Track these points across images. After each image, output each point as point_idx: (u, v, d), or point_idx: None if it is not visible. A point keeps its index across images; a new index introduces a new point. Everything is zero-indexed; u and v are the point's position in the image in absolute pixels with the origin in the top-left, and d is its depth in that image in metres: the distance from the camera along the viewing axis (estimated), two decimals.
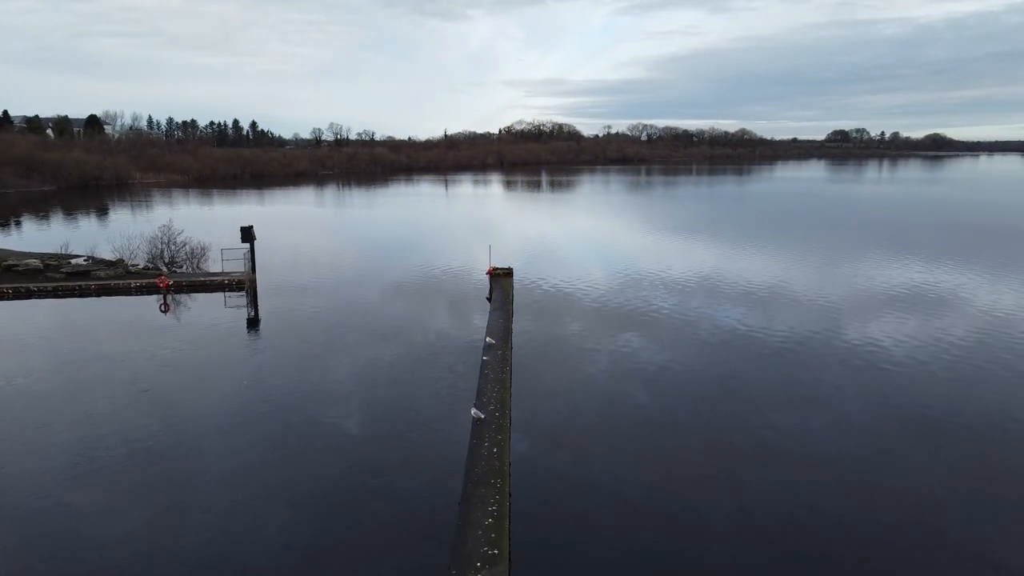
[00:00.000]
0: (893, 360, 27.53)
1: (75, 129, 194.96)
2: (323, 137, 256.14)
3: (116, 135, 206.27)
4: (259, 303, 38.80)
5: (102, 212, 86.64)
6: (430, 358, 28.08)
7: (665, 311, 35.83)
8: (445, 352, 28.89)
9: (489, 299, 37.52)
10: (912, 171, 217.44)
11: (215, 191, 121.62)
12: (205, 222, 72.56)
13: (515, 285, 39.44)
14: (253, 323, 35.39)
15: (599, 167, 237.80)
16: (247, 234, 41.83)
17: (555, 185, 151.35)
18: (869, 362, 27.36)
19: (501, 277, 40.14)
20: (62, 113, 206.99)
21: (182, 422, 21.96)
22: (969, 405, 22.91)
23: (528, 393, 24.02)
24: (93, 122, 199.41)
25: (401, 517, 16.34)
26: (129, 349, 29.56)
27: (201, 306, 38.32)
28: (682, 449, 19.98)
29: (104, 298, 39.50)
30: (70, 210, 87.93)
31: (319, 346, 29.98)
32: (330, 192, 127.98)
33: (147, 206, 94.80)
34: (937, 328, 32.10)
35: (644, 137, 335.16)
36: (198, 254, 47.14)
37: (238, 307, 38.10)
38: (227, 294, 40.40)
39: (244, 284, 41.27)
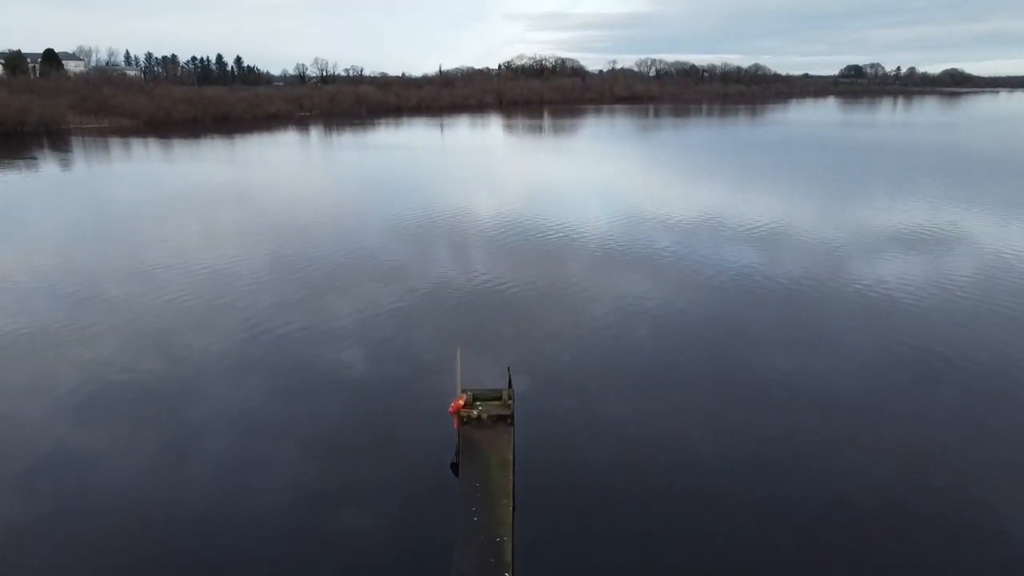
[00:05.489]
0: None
1: (31, 65, 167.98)
2: (308, 73, 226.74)
3: (84, 72, 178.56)
4: None
5: None
6: None
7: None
8: None
9: (455, 470, 14.54)
10: (929, 112, 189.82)
11: (161, 139, 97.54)
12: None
13: (523, 418, 15.03)
14: None
15: (605, 106, 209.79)
16: None
17: (559, 130, 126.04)
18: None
19: (485, 428, 14.26)
20: (51, 47, 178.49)
21: None
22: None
23: None
24: (50, 57, 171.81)
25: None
26: None
27: None
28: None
29: None
30: None
31: None
32: (293, 141, 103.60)
33: (47, 164, 71.16)
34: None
35: (652, 73, 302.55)
36: None
37: None
38: None
39: None
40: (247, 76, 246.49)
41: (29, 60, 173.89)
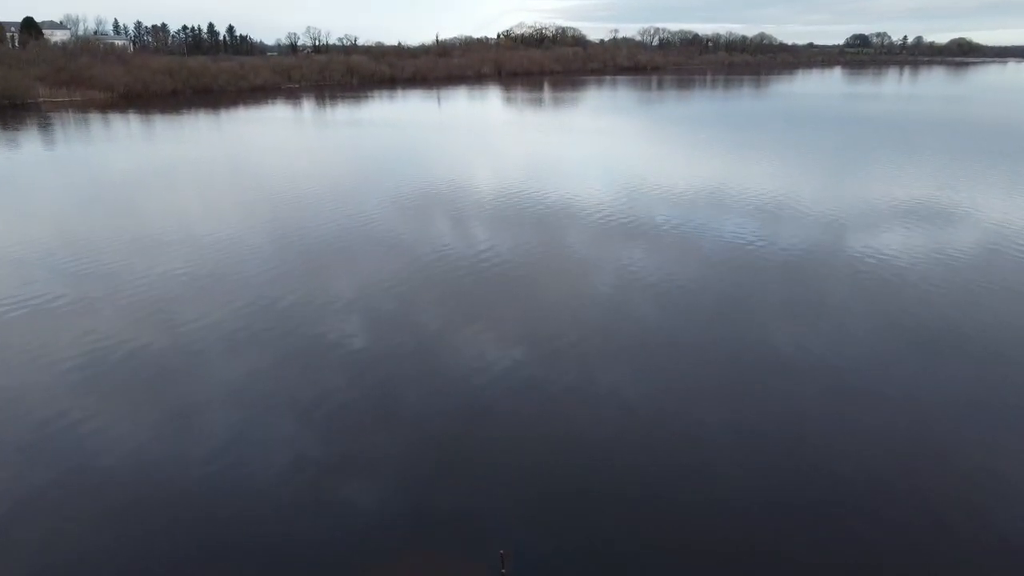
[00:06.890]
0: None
1: (9, 34, 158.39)
2: (300, 43, 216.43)
3: (65, 41, 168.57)
4: None
5: None
6: None
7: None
8: None
9: None
10: (936, 83, 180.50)
11: (134, 114, 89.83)
12: None
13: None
14: None
15: (607, 76, 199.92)
16: None
17: (560, 103, 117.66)
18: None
19: None
20: (31, 15, 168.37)
21: None
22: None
23: None
24: (29, 26, 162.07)
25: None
26: None
27: None
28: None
29: None
30: None
31: None
32: (276, 117, 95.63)
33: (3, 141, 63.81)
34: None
35: (655, 42, 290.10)
36: None
37: None
38: None
39: None
40: (239, 46, 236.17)
41: (11, 29, 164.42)
